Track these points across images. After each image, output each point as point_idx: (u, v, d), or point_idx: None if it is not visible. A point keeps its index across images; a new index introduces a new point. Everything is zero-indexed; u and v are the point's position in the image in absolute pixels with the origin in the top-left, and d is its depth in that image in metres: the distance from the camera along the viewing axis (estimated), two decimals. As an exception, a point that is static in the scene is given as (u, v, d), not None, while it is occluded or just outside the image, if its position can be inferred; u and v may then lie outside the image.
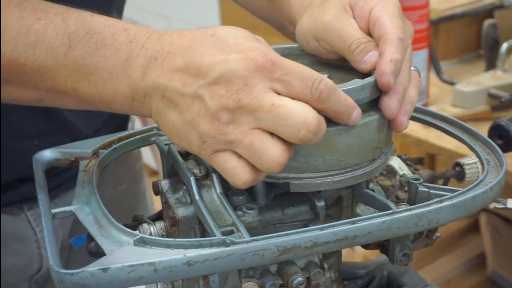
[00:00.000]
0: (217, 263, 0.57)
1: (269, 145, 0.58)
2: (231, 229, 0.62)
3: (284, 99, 0.58)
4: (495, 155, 0.73)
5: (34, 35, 0.62)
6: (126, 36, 0.62)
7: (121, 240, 0.60)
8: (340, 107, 0.61)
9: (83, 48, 0.62)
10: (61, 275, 0.55)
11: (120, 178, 1.10)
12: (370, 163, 0.67)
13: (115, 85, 0.62)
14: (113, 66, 0.62)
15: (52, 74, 0.63)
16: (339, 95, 0.60)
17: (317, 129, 0.58)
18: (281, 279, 0.67)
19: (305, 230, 0.59)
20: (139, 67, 0.61)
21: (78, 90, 0.63)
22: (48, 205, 0.68)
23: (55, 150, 0.76)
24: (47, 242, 0.61)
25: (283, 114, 0.57)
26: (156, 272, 0.56)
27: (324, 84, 0.59)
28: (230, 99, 0.57)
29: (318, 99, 0.59)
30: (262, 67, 0.58)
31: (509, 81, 1.45)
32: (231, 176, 0.60)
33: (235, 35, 0.60)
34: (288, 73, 0.58)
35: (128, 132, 0.80)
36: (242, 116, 0.58)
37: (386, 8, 0.69)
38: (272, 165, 0.59)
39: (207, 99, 0.58)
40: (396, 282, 0.84)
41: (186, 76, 0.59)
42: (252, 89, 0.57)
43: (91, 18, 0.63)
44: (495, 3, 1.68)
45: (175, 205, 0.68)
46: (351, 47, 0.68)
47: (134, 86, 0.61)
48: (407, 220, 0.62)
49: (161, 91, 0.60)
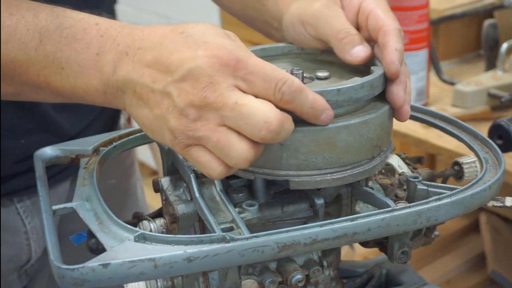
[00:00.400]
0: (217, 259, 0.57)
1: (236, 142, 0.59)
2: (231, 226, 0.62)
3: (248, 97, 0.58)
4: (494, 154, 0.73)
5: (6, 31, 0.63)
6: (97, 30, 0.63)
7: (121, 236, 0.60)
8: (306, 109, 0.61)
9: (54, 43, 0.63)
10: (62, 270, 0.56)
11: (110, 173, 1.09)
12: (370, 161, 0.67)
13: (87, 79, 0.63)
14: (84, 60, 0.63)
15: (25, 69, 0.64)
16: (305, 97, 0.60)
17: (279, 129, 0.58)
18: (280, 276, 0.67)
19: (304, 227, 0.59)
20: (110, 62, 0.62)
21: (51, 84, 0.65)
22: (49, 201, 0.68)
23: (56, 148, 0.77)
24: (48, 238, 0.61)
25: (245, 113, 0.58)
26: (156, 268, 0.56)
27: (288, 86, 0.59)
28: (196, 96, 0.58)
29: (281, 100, 0.59)
30: (226, 65, 0.58)
31: (509, 81, 1.45)
32: (206, 169, 0.61)
33: (204, 32, 0.61)
34: (252, 72, 0.59)
35: (129, 130, 0.80)
36: (208, 113, 0.58)
37: (377, 2, 0.70)
38: (239, 161, 0.59)
39: (175, 96, 0.59)
40: (394, 280, 0.85)
41: (155, 72, 0.60)
42: (217, 86, 0.58)
43: (62, 13, 0.64)
44: (495, 3, 1.69)
45: (175, 202, 0.69)
46: (339, 35, 0.69)
47: (106, 80, 0.62)
48: (406, 218, 0.62)
49: (132, 86, 0.61)
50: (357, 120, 0.64)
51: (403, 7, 1.41)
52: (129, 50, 0.61)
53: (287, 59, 0.75)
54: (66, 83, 0.64)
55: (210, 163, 0.60)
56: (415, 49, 1.42)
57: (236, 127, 0.59)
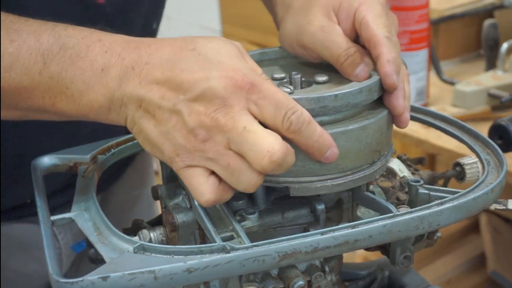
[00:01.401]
0: (218, 269, 0.56)
1: (246, 167, 0.59)
2: (231, 235, 0.61)
3: (256, 125, 0.58)
4: (495, 156, 0.73)
5: (9, 59, 0.62)
6: (101, 46, 0.62)
7: (121, 247, 0.60)
8: (312, 142, 0.60)
9: (58, 64, 0.62)
10: (61, 284, 0.55)
11: (134, 183, 1.11)
12: (370, 166, 0.66)
13: (92, 96, 0.62)
14: (89, 77, 0.62)
15: (30, 93, 0.63)
16: (313, 129, 0.60)
17: (281, 161, 0.58)
18: (282, 282, 0.67)
19: (305, 235, 0.59)
20: (115, 77, 0.61)
21: (56, 105, 0.64)
22: (47, 212, 0.68)
23: (53, 156, 0.76)
24: (46, 250, 0.61)
25: (251, 140, 0.58)
26: (156, 280, 0.55)
27: (297, 116, 0.59)
28: (208, 117, 0.58)
29: (288, 129, 0.59)
30: (241, 88, 0.58)
31: (509, 81, 1.44)
32: (195, 192, 0.61)
33: (218, 51, 0.60)
34: (265, 97, 0.59)
35: (126, 137, 0.80)
36: (216, 135, 0.58)
37: (370, 7, 0.69)
38: (249, 186, 0.60)
39: (185, 115, 0.58)
40: (397, 282, 0.84)
41: (165, 89, 0.59)
42: (230, 109, 0.58)
43: (64, 32, 0.63)
44: (495, 3, 1.68)
45: (174, 211, 0.68)
46: (340, 59, 0.68)
47: (111, 95, 0.61)
48: (408, 223, 0.61)
49: (137, 101, 0.60)
50: (355, 125, 0.64)
51: (403, 7, 1.41)
52: (136, 64, 0.61)
53: (286, 63, 0.74)
54: (71, 102, 0.63)
55: (202, 187, 0.60)
56: (415, 49, 1.42)
57: (241, 151, 0.58)
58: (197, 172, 0.60)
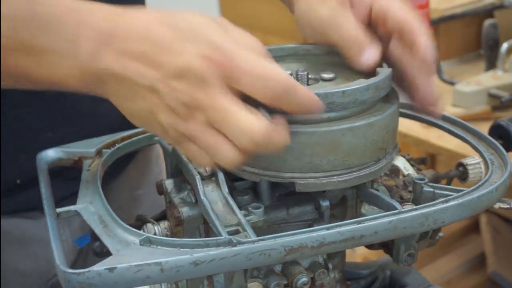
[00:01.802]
0: (224, 263, 0.56)
1: (223, 145, 0.58)
2: (237, 229, 0.61)
3: (236, 104, 0.57)
4: (499, 155, 0.73)
5: None
6: (74, 16, 0.59)
7: (126, 239, 0.60)
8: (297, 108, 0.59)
9: (30, 31, 0.59)
10: (68, 274, 0.55)
11: (137, 183, 1.09)
12: (375, 163, 0.66)
13: (65, 68, 0.60)
14: (60, 49, 0.59)
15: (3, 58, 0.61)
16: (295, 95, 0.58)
17: (263, 140, 0.57)
18: (285, 279, 0.67)
19: (311, 229, 0.59)
20: (87, 50, 0.58)
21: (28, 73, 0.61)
22: (52, 204, 0.68)
23: (58, 150, 0.76)
24: (52, 241, 0.61)
25: (230, 119, 0.56)
26: (163, 272, 0.55)
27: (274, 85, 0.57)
28: (187, 96, 0.56)
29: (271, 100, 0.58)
30: (218, 64, 0.56)
31: (509, 81, 1.45)
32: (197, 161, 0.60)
33: (195, 26, 0.58)
34: (243, 72, 0.56)
35: (131, 132, 0.80)
36: (198, 113, 0.57)
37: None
38: (227, 164, 0.59)
39: (163, 93, 0.57)
40: (398, 282, 0.85)
41: (141, 66, 0.57)
42: (208, 89, 0.56)
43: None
44: (495, 3, 1.69)
45: (179, 205, 0.68)
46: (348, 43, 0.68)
47: (83, 69, 0.59)
48: (413, 220, 0.62)
49: (114, 78, 0.58)
50: (362, 122, 0.64)
51: (403, 7, 1.41)
52: (110, 38, 0.58)
53: (292, 60, 0.74)
54: (44, 71, 0.61)
55: (201, 157, 0.60)
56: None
57: (222, 130, 0.57)
58: (191, 145, 0.59)
